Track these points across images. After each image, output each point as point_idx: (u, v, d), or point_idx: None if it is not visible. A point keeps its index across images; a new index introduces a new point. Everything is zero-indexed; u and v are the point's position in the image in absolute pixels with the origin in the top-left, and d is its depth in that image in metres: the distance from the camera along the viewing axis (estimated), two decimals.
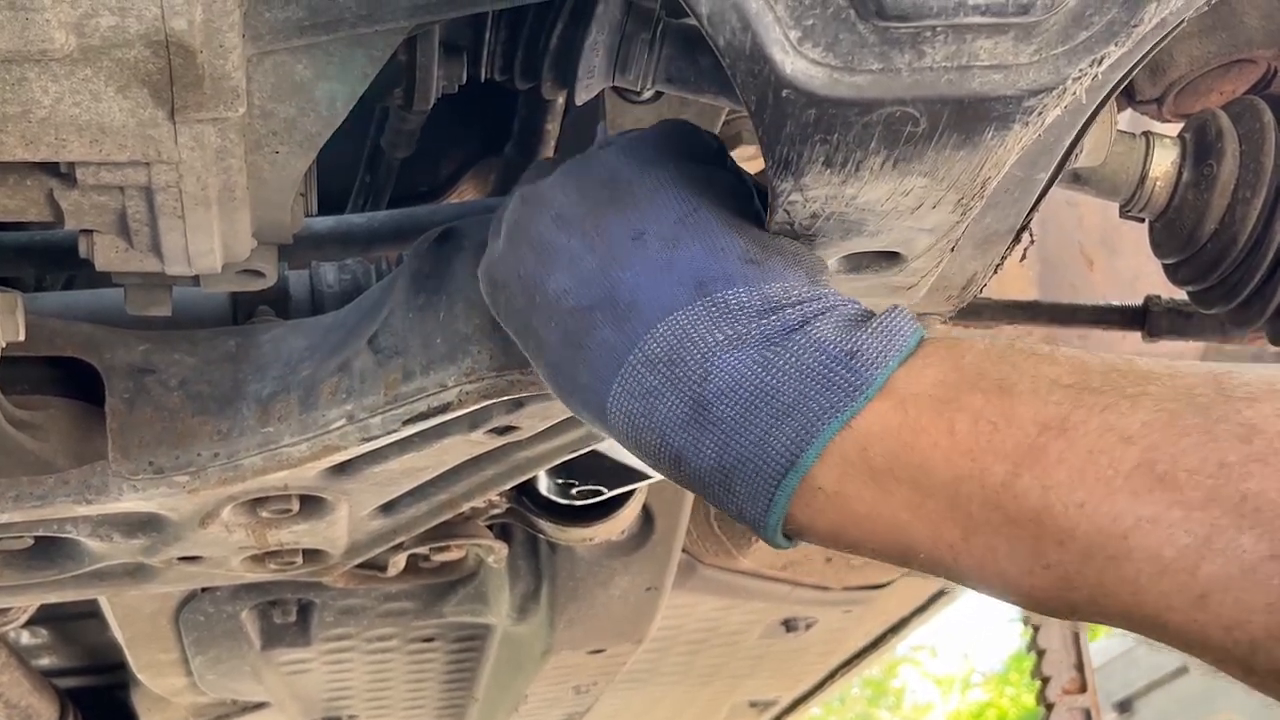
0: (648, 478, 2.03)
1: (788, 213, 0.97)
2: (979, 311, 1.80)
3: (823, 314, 0.92)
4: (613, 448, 1.23)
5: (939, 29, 0.82)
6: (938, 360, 0.88)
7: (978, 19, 0.82)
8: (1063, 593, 0.82)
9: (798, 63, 0.83)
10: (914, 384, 0.87)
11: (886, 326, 0.90)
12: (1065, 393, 0.83)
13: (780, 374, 0.89)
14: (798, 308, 0.93)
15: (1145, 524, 0.77)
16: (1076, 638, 3.60)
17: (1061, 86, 0.87)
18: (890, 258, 1.08)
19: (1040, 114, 0.89)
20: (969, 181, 0.95)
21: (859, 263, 1.08)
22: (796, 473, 0.88)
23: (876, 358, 0.88)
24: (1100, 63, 0.87)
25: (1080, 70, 0.86)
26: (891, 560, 0.90)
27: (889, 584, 2.99)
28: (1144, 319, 1.84)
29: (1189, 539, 0.76)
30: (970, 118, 0.88)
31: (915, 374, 0.88)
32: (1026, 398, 0.84)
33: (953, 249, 1.08)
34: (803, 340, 0.90)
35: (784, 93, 0.85)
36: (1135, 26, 0.85)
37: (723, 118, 1.54)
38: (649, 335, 0.93)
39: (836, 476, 0.88)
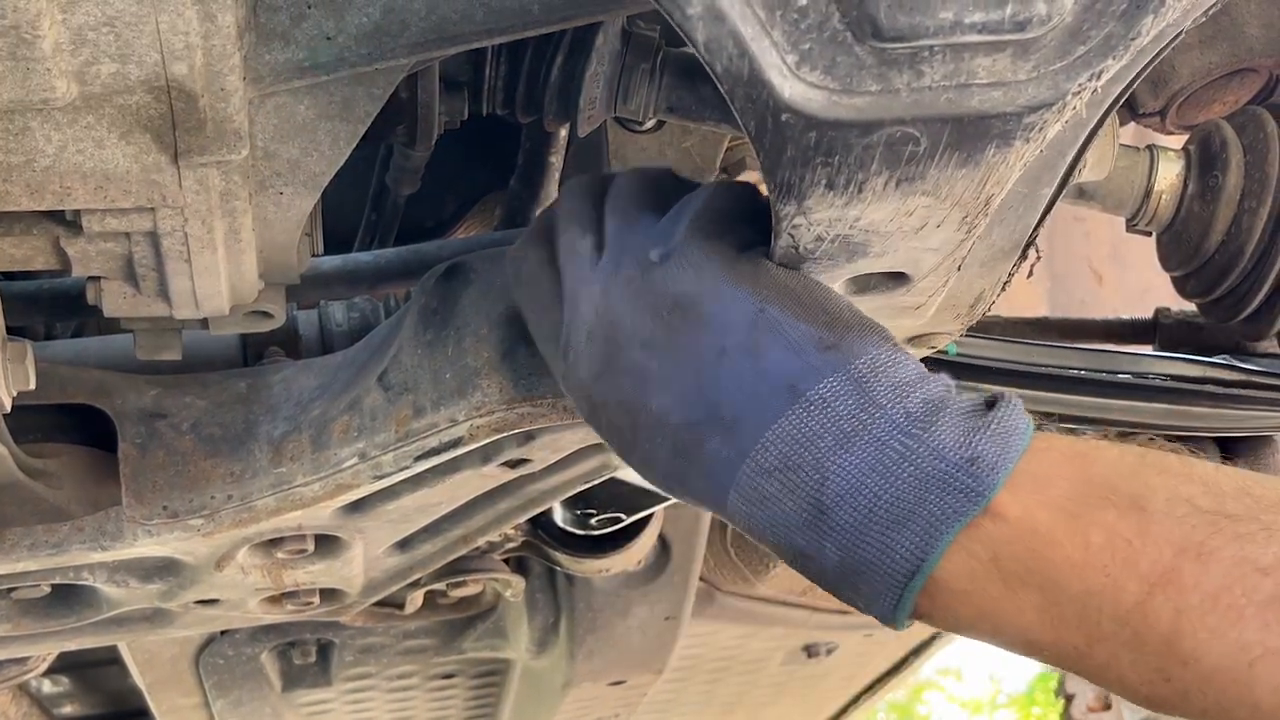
0: (667, 500, 2.03)
1: (792, 237, 0.97)
2: (989, 328, 1.79)
3: (933, 414, 0.92)
4: (630, 474, 1.23)
5: (936, 48, 0.82)
6: (1069, 471, 0.90)
7: (975, 37, 0.81)
8: (1180, 702, 0.86)
9: (796, 86, 0.83)
10: (1045, 493, 0.89)
11: (1002, 428, 0.91)
12: (1201, 517, 0.86)
13: (899, 480, 0.90)
14: (899, 404, 0.93)
15: (1272, 655, 0.81)
16: None
17: (1061, 102, 0.87)
18: (897, 278, 1.07)
19: (1041, 130, 0.89)
20: (972, 199, 0.95)
21: (865, 284, 1.08)
22: (922, 575, 0.90)
23: (996, 462, 0.89)
24: (1099, 77, 0.86)
25: (1079, 85, 0.86)
26: (1013, 650, 0.93)
27: None
28: (1154, 332, 1.83)
29: None
30: (971, 136, 0.88)
31: (1045, 483, 0.89)
32: (1161, 518, 0.86)
33: (959, 267, 1.08)
34: (919, 448, 0.91)
35: (783, 117, 0.85)
36: (1133, 40, 0.85)
37: (725, 145, 1.55)
38: (758, 447, 0.94)
39: (965, 576, 0.90)
